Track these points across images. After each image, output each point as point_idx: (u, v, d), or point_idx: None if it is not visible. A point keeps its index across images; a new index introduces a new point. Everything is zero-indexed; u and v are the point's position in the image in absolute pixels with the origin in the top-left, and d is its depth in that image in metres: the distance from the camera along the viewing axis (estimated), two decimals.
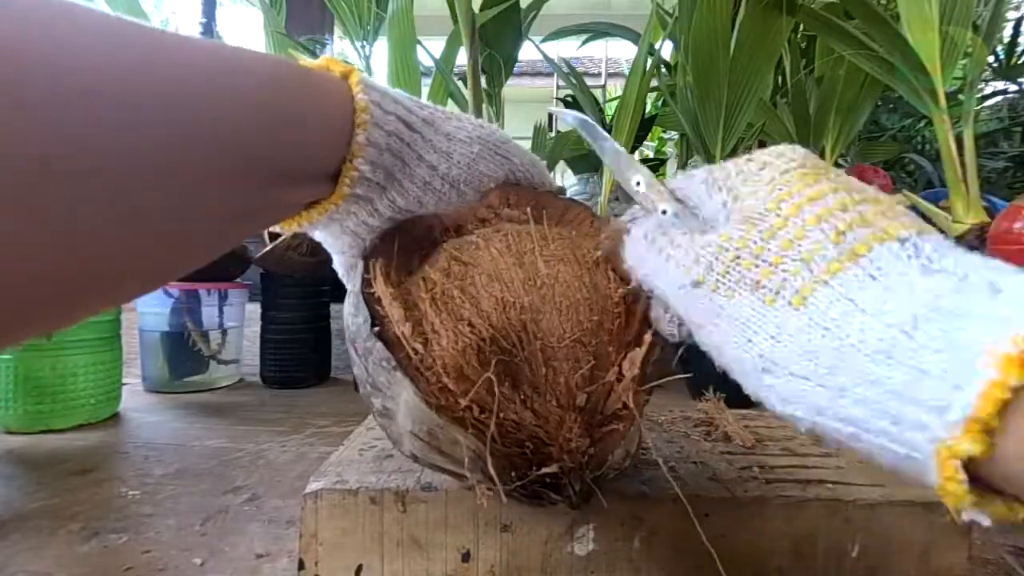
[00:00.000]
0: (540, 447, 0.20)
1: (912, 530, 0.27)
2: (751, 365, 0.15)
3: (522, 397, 0.21)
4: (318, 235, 0.26)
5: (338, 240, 0.26)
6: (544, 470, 0.20)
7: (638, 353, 0.22)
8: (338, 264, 0.28)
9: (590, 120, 0.23)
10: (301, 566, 0.27)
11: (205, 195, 0.16)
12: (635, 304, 0.23)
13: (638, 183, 0.20)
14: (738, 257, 0.16)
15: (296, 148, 0.19)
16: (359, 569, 0.26)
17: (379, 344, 0.21)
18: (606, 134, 0.22)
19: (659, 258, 0.19)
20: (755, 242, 0.16)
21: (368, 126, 0.21)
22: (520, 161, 0.28)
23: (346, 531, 0.26)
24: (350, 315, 0.23)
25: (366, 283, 0.23)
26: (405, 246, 0.25)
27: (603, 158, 0.22)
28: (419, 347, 0.21)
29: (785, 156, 0.18)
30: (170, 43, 0.15)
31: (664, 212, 0.20)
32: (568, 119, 0.24)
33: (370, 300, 0.22)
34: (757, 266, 0.16)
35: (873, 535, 0.26)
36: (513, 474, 0.20)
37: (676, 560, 0.26)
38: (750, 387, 0.16)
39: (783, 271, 0.15)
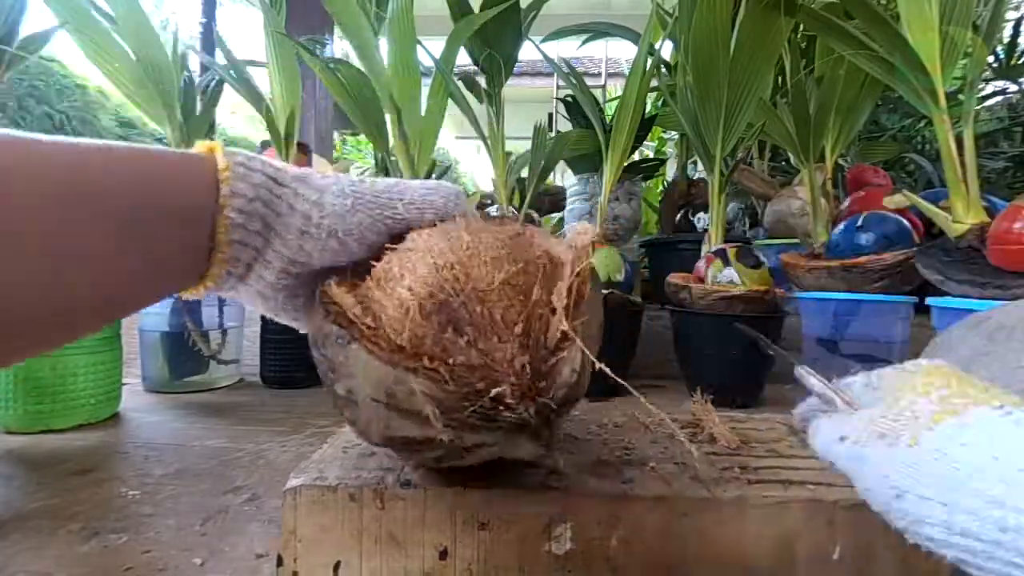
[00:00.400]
0: (490, 381, 0.22)
1: (895, 532, 0.27)
2: (888, 495, 0.19)
3: (466, 339, 0.23)
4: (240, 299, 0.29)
5: (253, 304, 0.28)
6: (494, 391, 0.21)
7: (562, 284, 0.25)
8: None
9: (820, 384, 0.26)
10: (280, 562, 0.27)
11: (106, 248, 0.20)
12: (561, 257, 0.26)
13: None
14: (872, 419, 0.21)
15: (170, 230, 0.22)
16: (337, 566, 0.26)
17: (334, 327, 0.23)
18: (814, 382, 0.26)
19: (821, 423, 0.24)
20: (888, 408, 0.21)
21: (231, 180, 0.24)
22: (409, 200, 0.28)
23: (325, 527, 0.26)
24: (312, 325, 0.26)
25: (323, 294, 0.26)
26: (356, 274, 0.27)
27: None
28: (369, 322, 0.23)
29: (929, 366, 0.24)
30: (62, 142, 0.19)
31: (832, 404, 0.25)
32: (810, 387, 0.27)
33: (325, 302, 0.25)
34: (885, 423, 0.20)
35: (855, 537, 0.26)
36: (467, 404, 0.22)
37: (654, 560, 0.26)
38: (892, 517, 0.20)
39: (901, 425, 0.20)
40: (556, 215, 1.49)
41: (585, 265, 0.26)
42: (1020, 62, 1.38)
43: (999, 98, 1.49)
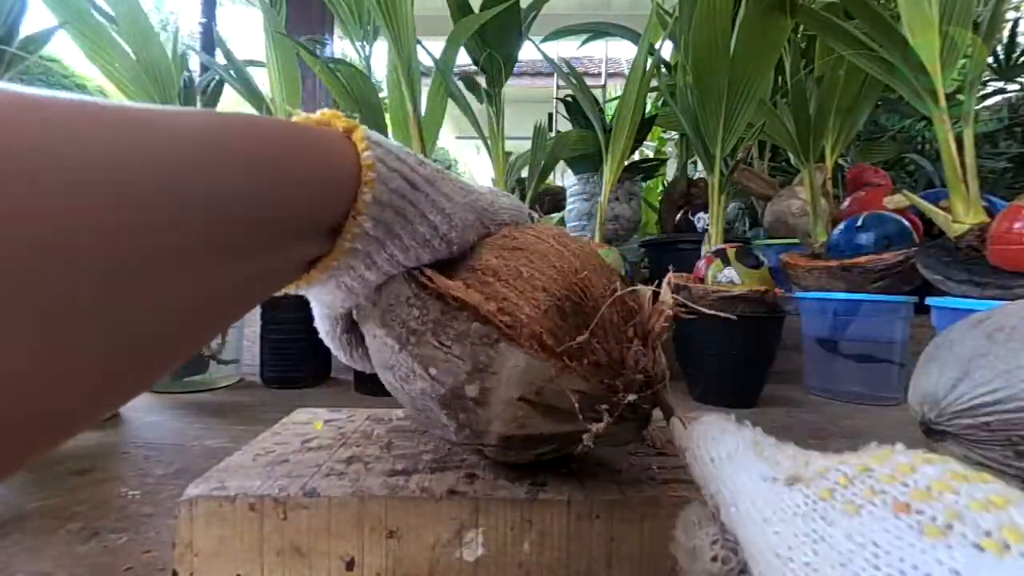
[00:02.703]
0: (615, 378, 0.24)
1: None
2: None
3: (596, 340, 0.24)
4: (311, 292, 0.26)
5: (332, 295, 0.25)
6: (630, 397, 0.23)
7: (647, 290, 0.28)
8: (320, 318, 0.29)
9: None
10: None
11: (208, 269, 0.15)
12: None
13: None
14: (869, 469, 0.12)
15: (300, 209, 0.19)
16: None
17: (475, 325, 0.23)
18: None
19: (732, 440, 0.16)
20: (894, 469, 0.12)
21: (375, 184, 0.21)
22: (500, 221, 0.29)
23: (224, 540, 0.25)
24: (412, 320, 0.24)
25: (421, 286, 0.25)
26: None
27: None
28: (507, 319, 0.24)
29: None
30: (160, 120, 0.14)
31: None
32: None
33: (435, 296, 0.25)
34: (905, 485, 0.12)
35: None
36: (605, 406, 0.23)
37: (567, 563, 0.26)
38: None
39: (953, 505, 0.11)
40: (556, 215, 1.49)
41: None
42: (1020, 62, 1.38)
43: (999, 98, 1.49)
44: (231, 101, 1.12)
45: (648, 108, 1.17)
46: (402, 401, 0.27)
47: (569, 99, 1.20)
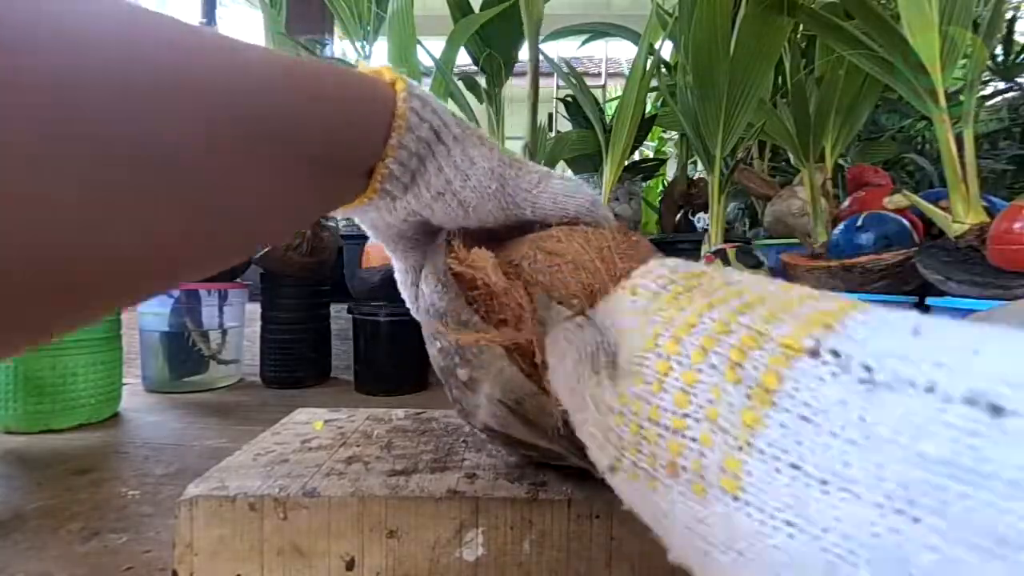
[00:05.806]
0: None
1: None
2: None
3: None
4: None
5: (360, 223, 0.28)
6: None
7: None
8: (396, 270, 0.31)
9: None
10: None
11: (261, 184, 0.18)
12: None
13: None
14: (640, 427, 0.11)
15: (345, 145, 0.22)
16: None
17: (475, 319, 0.23)
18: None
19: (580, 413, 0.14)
20: (648, 401, 0.11)
21: (403, 131, 0.23)
22: (540, 205, 0.27)
23: (223, 539, 0.26)
24: (435, 293, 0.25)
25: (454, 261, 0.25)
26: (470, 239, 0.27)
27: None
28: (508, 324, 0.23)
29: (652, 274, 0.15)
30: (243, 55, 0.17)
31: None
32: None
33: (457, 278, 0.24)
34: (662, 437, 0.11)
35: None
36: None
37: (567, 563, 0.26)
38: None
39: (693, 442, 0.10)
40: None
41: None
42: (1019, 60, 1.38)
43: (999, 98, 1.49)
44: None
45: (648, 108, 1.17)
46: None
47: (569, 99, 1.20)
